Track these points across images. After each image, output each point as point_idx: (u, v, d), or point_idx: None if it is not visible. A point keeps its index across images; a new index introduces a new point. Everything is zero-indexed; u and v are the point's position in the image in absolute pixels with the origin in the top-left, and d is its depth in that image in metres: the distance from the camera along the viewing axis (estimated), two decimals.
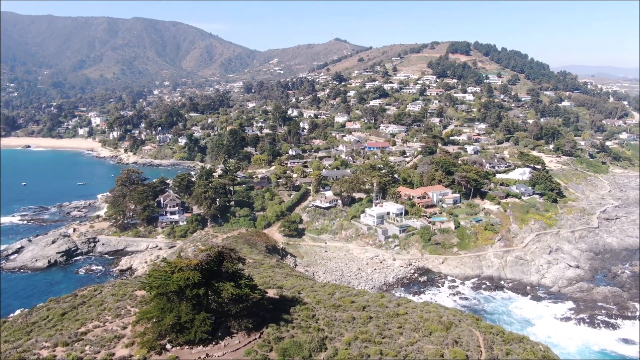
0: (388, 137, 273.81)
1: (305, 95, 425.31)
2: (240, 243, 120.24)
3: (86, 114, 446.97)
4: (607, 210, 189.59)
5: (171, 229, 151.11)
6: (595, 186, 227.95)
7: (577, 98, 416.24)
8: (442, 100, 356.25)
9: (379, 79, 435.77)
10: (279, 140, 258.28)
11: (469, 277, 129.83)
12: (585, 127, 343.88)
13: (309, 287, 73.14)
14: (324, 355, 49.86)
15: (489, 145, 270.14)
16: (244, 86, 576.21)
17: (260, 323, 52.52)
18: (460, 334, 58.52)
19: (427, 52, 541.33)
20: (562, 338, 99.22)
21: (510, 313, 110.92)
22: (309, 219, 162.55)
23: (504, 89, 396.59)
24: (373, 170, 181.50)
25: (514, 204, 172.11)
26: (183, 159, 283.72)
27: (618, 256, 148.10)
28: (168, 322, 46.91)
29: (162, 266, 50.51)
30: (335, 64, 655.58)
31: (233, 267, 52.17)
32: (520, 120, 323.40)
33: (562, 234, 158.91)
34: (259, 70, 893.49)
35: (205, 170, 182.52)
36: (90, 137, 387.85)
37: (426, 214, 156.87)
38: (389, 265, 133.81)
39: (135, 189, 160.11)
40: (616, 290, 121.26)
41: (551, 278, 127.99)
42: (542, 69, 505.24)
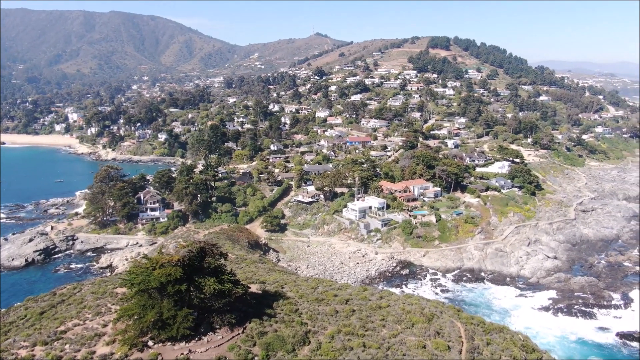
0: (369, 131, 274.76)
1: (287, 90, 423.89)
2: (222, 239, 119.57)
3: (63, 109, 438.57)
4: (584, 202, 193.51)
5: (152, 226, 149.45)
6: (572, 179, 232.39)
7: (555, 92, 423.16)
8: (423, 95, 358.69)
9: (360, 74, 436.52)
10: (261, 135, 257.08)
11: (450, 270, 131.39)
12: (562, 121, 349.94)
13: (292, 281, 73.18)
14: (308, 349, 49.98)
15: (469, 139, 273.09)
16: (224, 81, 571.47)
17: (243, 318, 52.38)
18: (442, 325, 59.24)
19: (408, 47, 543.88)
20: (541, 328, 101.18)
21: (491, 304, 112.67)
22: (291, 214, 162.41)
23: (484, 84, 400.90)
24: (355, 165, 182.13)
25: (493, 197, 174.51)
26: (163, 155, 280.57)
27: (594, 247, 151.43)
28: (150, 319, 46.44)
29: (143, 263, 49.92)
30: (316, 58, 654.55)
31: (215, 262, 51.88)
32: (499, 114, 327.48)
33: (540, 226, 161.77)
34: (239, 65, 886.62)
35: (186, 166, 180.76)
36: (67, 133, 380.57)
37: (408, 207, 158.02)
38: (371, 259, 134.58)
39: (115, 186, 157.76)
40: (592, 280, 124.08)
41: (530, 269, 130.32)
42: (521, 64, 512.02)
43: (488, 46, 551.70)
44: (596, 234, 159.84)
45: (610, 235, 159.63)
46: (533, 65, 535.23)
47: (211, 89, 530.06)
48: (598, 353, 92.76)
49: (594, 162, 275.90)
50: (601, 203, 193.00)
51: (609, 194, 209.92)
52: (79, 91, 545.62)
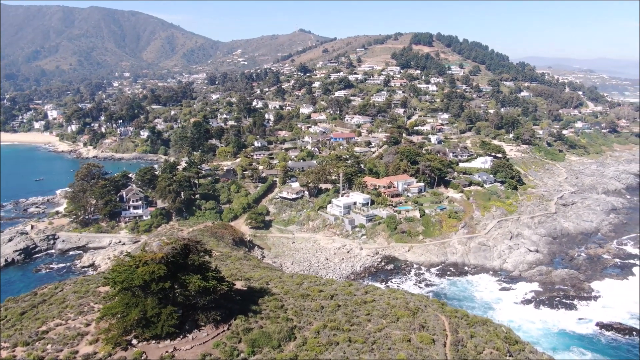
0: (353, 127, 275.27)
1: (270, 87, 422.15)
2: (206, 236, 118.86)
3: (42, 107, 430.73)
4: (564, 196, 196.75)
5: (135, 224, 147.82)
6: (553, 173, 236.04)
7: (535, 88, 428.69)
8: (406, 91, 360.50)
9: (344, 70, 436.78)
10: (244, 132, 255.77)
11: (434, 264, 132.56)
12: (543, 116, 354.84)
13: (277, 277, 73.13)
14: (294, 344, 50.06)
15: (452, 134, 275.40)
16: (207, 78, 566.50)
17: (229, 315, 52.22)
18: (427, 319, 59.79)
19: (391, 44, 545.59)
20: (524, 320, 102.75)
21: (474, 297, 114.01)
22: (275, 210, 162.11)
23: (466, 80, 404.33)
24: (339, 161, 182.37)
25: (476, 191, 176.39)
26: (146, 153, 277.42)
27: (574, 240, 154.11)
28: (133, 317, 46.03)
29: (126, 260, 49.42)
30: (299, 55, 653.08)
31: (199, 259, 51.63)
32: (481, 110, 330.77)
33: (522, 219, 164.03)
34: (222, 61, 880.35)
35: (169, 163, 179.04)
36: (47, 131, 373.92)
37: (392, 203, 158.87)
38: (356, 254, 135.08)
39: (96, 184, 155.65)
40: (573, 272, 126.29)
41: (512, 263, 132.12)
42: (502, 60, 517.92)
43: (470, 42, 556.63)
44: (576, 227, 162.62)
45: (590, 229, 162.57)
46: (514, 62, 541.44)
47: (194, 85, 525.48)
48: (579, 343, 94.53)
49: (574, 156, 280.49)
50: (581, 197, 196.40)
51: (589, 188, 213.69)
52: (58, 88, 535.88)
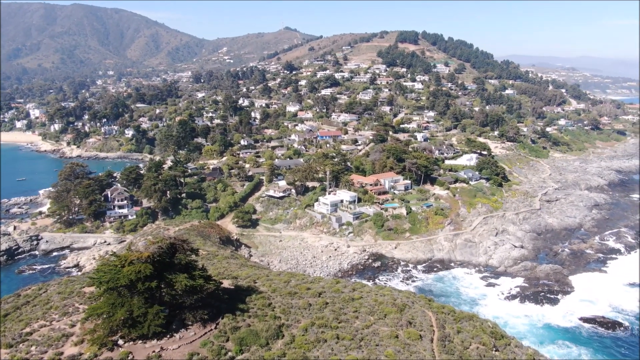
0: (340, 125, 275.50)
1: (256, 85, 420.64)
2: (193, 235, 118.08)
3: (24, 105, 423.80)
4: (548, 192, 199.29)
5: (120, 224, 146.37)
6: (537, 170, 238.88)
7: (520, 86, 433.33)
8: (392, 89, 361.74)
9: (330, 68, 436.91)
10: (230, 130, 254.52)
11: (421, 261, 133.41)
12: (527, 114, 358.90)
13: (265, 276, 73.00)
14: (281, 342, 50.05)
15: (438, 132, 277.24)
16: (192, 76, 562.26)
17: (216, 314, 52.02)
18: (414, 315, 60.18)
19: (377, 42, 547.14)
20: (509, 315, 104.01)
21: (461, 293, 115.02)
22: (262, 209, 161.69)
23: (451, 78, 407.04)
24: (326, 159, 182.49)
25: (462, 188, 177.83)
26: (131, 152, 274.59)
27: (558, 235, 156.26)
28: (119, 318, 45.62)
29: (112, 260, 48.92)
30: (285, 53, 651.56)
31: (186, 258, 51.34)
32: (467, 108, 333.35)
33: (507, 216, 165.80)
34: (207, 59, 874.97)
35: (155, 162, 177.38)
36: (29, 130, 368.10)
37: (379, 200, 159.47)
38: (343, 252, 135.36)
39: (80, 183, 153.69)
40: (557, 267, 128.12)
41: (498, 258, 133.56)
42: (487, 58, 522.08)
43: (455, 41, 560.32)
44: (560, 223, 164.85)
45: (573, 224, 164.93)
46: (499, 60, 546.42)
47: (179, 83, 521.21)
48: (564, 337, 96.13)
49: (557, 153, 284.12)
50: (564, 193, 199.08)
51: (572, 185, 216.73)
52: (40, 86, 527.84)
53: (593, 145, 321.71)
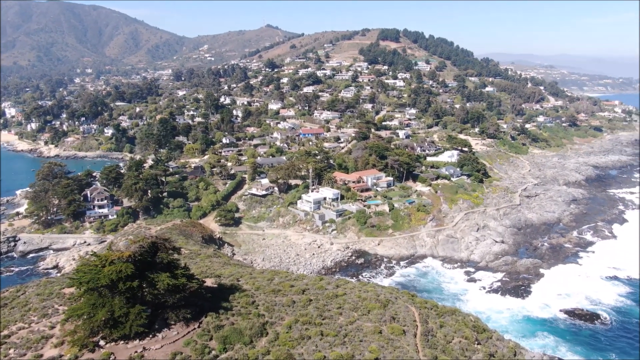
0: (322, 123, 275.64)
1: (238, 83, 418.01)
2: (175, 234, 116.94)
3: None
4: (528, 188, 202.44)
5: (100, 224, 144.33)
6: (517, 166, 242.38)
7: (499, 84, 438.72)
8: (374, 87, 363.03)
9: (312, 66, 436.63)
10: (212, 128, 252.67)
11: (403, 257, 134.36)
12: (507, 110, 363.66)
13: (248, 274, 72.74)
14: (266, 340, 49.95)
15: (420, 129, 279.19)
16: (173, 74, 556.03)
17: (199, 312, 51.71)
18: (397, 311, 60.61)
19: (358, 39, 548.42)
20: (491, 309, 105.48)
21: (443, 289, 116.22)
22: (245, 207, 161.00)
23: (432, 75, 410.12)
24: (308, 157, 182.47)
25: (444, 185, 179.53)
26: (110, 151, 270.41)
27: (538, 230, 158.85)
28: (100, 318, 45.05)
29: (92, 260, 48.24)
30: (267, 50, 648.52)
31: (168, 257, 50.88)
32: (448, 105, 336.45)
33: (488, 212, 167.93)
34: (188, 57, 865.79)
35: (135, 161, 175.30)
36: (5, 129, 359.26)
37: (361, 197, 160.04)
38: (326, 249, 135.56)
39: (59, 183, 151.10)
40: (537, 261, 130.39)
41: (479, 254, 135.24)
42: (467, 56, 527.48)
43: (436, 38, 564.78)
44: (539, 218, 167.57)
45: (552, 219, 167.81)
46: (479, 57, 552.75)
47: (159, 81, 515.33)
48: (542, 328, 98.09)
49: (536, 149, 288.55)
50: (543, 189, 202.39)
51: (551, 180, 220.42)
52: (16, 85, 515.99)
53: (571, 141, 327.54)
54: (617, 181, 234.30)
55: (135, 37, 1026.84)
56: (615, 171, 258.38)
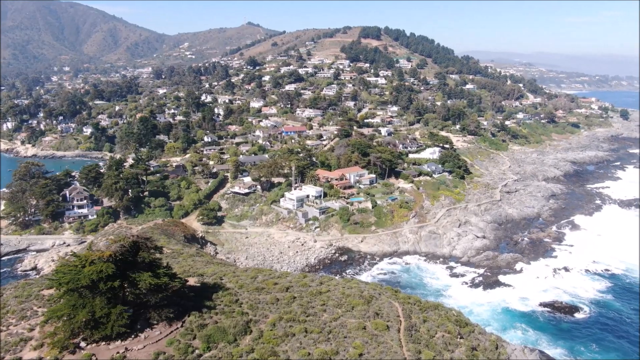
0: (305, 121, 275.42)
1: (219, 81, 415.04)
2: (156, 234, 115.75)
3: None
4: (508, 184, 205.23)
5: (80, 224, 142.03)
6: (497, 162, 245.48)
7: (479, 81, 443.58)
8: (356, 84, 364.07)
9: (294, 64, 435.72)
10: (193, 127, 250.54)
11: (387, 254, 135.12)
12: (487, 108, 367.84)
13: (231, 272, 72.39)
14: (250, 338, 49.81)
15: (401, 126, 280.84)
16: (153, 72, 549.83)
17: (182, 312, 51.32)
18: (381, 306, 60.97)
19: (340, 37, 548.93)
20: (473, 303, 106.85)
21: (426, 284, 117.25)
22: (228, 206, 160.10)
23: (414, 73, 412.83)
24: (291, 155, 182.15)
25: (426, 181, 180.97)
26: (90, 150, 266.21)
27: (518, 225, 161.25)
28: (81, 319, 44.39)
29: (72, 260, 47.47)
30: (248, 48, 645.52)
31: (150, 256, 50.37)
32: (429, 102, 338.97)
33: (469, 208, 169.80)
34: (168, 55, 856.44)
35: (115, 160, 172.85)
36: None
37: (344, 195, 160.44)
38: (310, 247, 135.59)
39: (37, 183, 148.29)
40: (517, 256, 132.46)
41: (461, 249, 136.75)
42: (448, 54, 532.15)
43: (417, 36, 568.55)
44: (519, 213, 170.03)
45: (532, 214, 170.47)
46: (459, 55, 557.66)
47: (139, 79, 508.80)
48: (521, 320, 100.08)
49: (516, 146, 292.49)
50: (523, 184, 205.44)
51: (530, 176, 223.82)
52: None
53: (549, 137, 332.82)
54: (594, 176, 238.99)
55: (114, 34, 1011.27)
56: (593, 167, 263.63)
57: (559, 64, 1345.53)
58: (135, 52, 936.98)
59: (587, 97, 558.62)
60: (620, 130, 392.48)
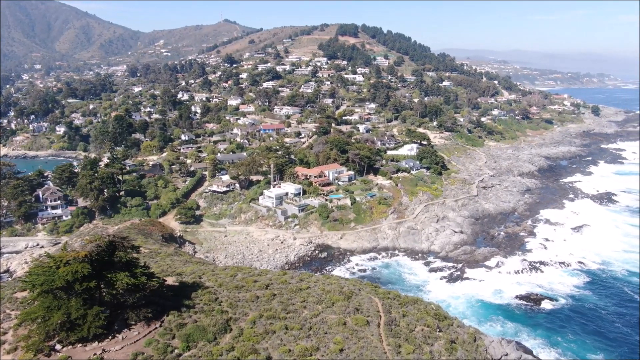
0: (283, 118, 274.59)
1: (196, 79, 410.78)
2: (133, 233, 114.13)
3: None
4: (484, 179, 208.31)
5: (54, 225, 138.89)
6: (474, 158, 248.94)
7: (456, 78, 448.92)
8: (334, 82, 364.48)
9: (271, 61, 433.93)
10: (170, 125, 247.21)
11: (366, 250, 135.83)
12: (463, 104, 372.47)
13: (210, 271, 71.80)
14: (230, 336, 49.53)
15: (379, 123, 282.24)
16: (128, 70, 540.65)
17: (161, 311, 50.74)
18: (361, 302, 61.25)
19: (318, 34, 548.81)
20: (451, 296, 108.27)
21: (405, 279, 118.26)
22: (206, 204, 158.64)
23: (391, 70, 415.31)
24: (269, 152, 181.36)
25: (404, 178, 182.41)
26: (63, 149, 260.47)
27: (494, 220, 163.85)
28: (56, 321, 43.52)
29: (46, 261, 46.44)
30: (225, 45, 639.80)
31: (127, 256, 49.64)
32: (406, 99, 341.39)
33: (447, 203, 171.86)
34: (144, 52, 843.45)
35: (90, 159, 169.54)
36: None
37: (323, 192, 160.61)
38: (289, 244, 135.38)
39: (8, 184, 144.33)
40: (494, 250, 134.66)
41: (439, 244, 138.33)
42: (424, 51, 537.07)
43: (394, 34, 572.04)
44: (496, 208, 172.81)
45: (508, 209, 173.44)
46: (436, 53, 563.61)
47: (114, 77, 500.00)
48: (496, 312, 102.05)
49: (492, 142, 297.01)
50: (499, 180, 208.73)
51: (506, 171, 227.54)
52: None
53: (524, 133, 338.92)
54: (567, 171, 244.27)
55: (87, 31, 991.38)
56: (566, 161, 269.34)
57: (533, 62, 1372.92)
58: (110, 49, 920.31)
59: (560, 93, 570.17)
60: (591, 126, 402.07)
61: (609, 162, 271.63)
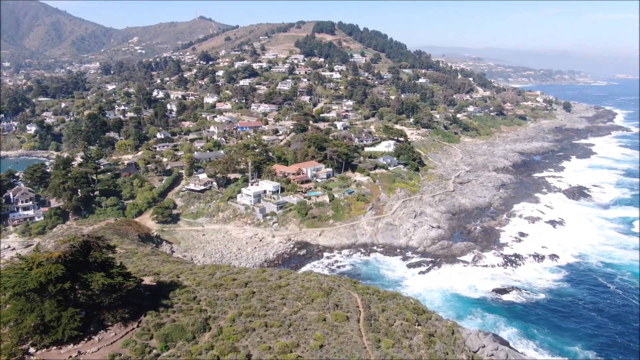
0: (260, 116, 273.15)
1: (171, 76, 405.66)
2: (108, 233, 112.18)
3: None
4: (460, 175, 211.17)
5: (26, 226, 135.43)
6: (450, 154, 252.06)
7: (432, 75, 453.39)
8: (311, 79, 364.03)
9: (248, 59, 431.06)
10: (145, 123, 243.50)
11: (345, 246, 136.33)
12: (439, 101, 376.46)
13: (188, 270, 71.09)
14: (209, 335, 49.15)
15: (357, 120, 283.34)
16: (101, 67, 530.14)
17: (138, 312, 50.03)
18: (340, 298, 61.46)
19: (294, 32, 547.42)
20: (428, 291, 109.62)
21: (384, 275, 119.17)
22: (183, 203, 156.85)
23: (368, 68, 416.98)
24: (247, 150, 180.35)
25: (381, 174, 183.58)
26: (34, 149, 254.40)
27: (471, 215, 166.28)
28: (29, 324, 42.49)
29: (18, 263, 45.28)
30: (201, 43, 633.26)
31: (102, 256, 48.75)
32: (383, 96, 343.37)
33: (424, 199, 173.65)
34: (117, 50, 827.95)
35: (62, 159, 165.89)
36: None
37: (302, 189, 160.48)
38: (268, 242, 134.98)
39: None
40: (471, 244, 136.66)
41: (417, 239, 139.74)
42: (401, 49, 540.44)
43: (371, 31, 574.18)
44: (472, 203, 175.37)
45: (484, 204, 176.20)
46: (412, 50, 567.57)
47: (86, 75, 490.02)
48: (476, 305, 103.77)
49: (467, 138, 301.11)
50: (475, 175, 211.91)
51: (481, 167, 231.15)
52: None
53: (498, 129, 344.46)
54: (540, 166, 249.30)
55: (58, 28, 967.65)
56: (539, 157, 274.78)
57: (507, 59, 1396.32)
58: (82, 46, 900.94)
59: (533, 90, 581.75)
60: (563, 122, 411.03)
61: (580, 157, 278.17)
